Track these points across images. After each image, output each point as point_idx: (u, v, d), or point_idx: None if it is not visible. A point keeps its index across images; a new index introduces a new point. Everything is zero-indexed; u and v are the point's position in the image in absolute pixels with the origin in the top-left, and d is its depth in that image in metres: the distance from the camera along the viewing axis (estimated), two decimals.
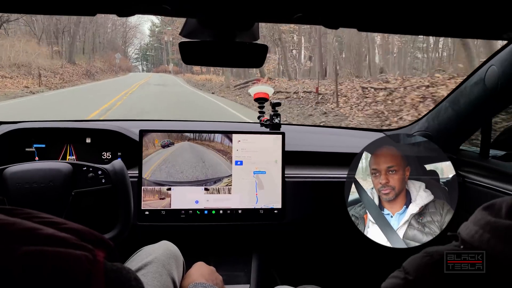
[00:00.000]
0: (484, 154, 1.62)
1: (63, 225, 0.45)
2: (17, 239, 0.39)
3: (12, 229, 0.40)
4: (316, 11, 0.70)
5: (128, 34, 63.01)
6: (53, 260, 0.39)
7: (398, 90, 9.25)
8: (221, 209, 1.53)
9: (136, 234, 1.44)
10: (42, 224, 0.43)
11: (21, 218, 0.43)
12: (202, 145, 1.53)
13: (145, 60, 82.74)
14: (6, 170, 1.16)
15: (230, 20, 0.86)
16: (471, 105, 1.58)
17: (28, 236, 0.40)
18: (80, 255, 0.41)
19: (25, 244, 0.39)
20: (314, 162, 1.79)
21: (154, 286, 1.02)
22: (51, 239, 0.41)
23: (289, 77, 19.21)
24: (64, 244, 0.41)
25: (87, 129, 1.69)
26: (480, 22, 0.72)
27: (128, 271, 0.47)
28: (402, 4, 0.66)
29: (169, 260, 1.14)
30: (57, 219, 0.46)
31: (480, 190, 1.55)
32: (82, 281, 0.39)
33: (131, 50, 72.11)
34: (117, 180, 1.24)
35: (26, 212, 0.45)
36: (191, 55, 0.97)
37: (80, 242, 0.43)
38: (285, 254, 1.90)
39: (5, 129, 1.59)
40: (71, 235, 0.43)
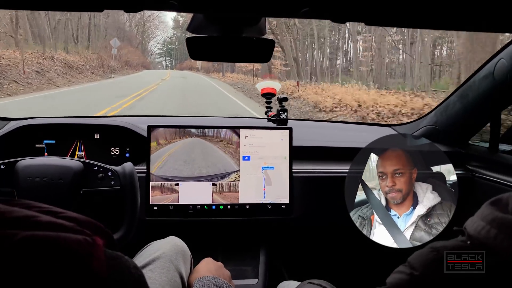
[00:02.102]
0: (493, 148, 1.61)
1: (61, 214, 0.45)
2: (15, 225, 0.39)
3: (11, 216, 0.41)
4: (323, 5, 0.70)
5: (146, 22, 53.17)
6: (53, 244, 0.39)
7: None
8: (229, 204, 1.54)
9: (144, 230, 1.45)
10: (40, 213, 0.43)
11: (19, 208, 0.43)
12: (209, 140, 1.53)
13: (169, 55, 73.58)
14: (18, 163, 1.18)
15: (236, 15, 0.86)
16: (480, 99, 1.56)
17: (27, 222, 0.40)
18: (80, 239, 0.41)
19: (24, 229, 0.39)
20: (322, 157, 1.78)
21: (162, 282, 1.03)
22: (50, 225, 0.41)
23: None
24: (63, 229, 0.41)
25: (95, 125, 1.70)
26: (490, 15, 0.71)
27: (127, 259, 0.47)
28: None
29: (177, 256, 1.15)
30: (56, 209, 0.46)
31: (488, 185, 1.54)
32: (84, 264, 0.39)
33: (152, 44, 64.47)
34: (126, 183, 1.25)
35: (25, 202, 0.45)
36: (198, 51, 0.97)
37: (78, 228, 0.43)
38: (292, 249, 1.91)
39: (15, 125, 1.61)
40: (69, 222, 0.43)
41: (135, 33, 53.53)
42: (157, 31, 60.90)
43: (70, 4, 0.73)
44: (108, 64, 30.24)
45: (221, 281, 1.03)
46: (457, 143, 1.78)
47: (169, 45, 68.57)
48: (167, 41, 69.02)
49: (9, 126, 1.66)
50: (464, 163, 1.73)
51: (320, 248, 1.93)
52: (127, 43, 44.39)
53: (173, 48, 67.51)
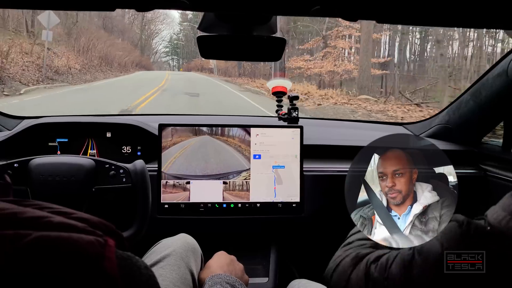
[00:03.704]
0: (507, 147, 1.59)
1: (73, 214, 0.46)
2: (28, 225, 0.40)
3: (23, 217, 0.41)
4: (334, 3, 0.70)
5: (146, 14, 39.68)
6: (65, 244, 0.39)
7: None
8: (240, 203, 1.54)
9: (155, 227, 1.46)
10: (52, 213, 0.44)
11: (31, 208, 0.44)
12: (220, 139, 1.54)
13: (176, 54, 63.21)
14: (31, 162, 1.19)
15: (247, 13, 0.86)
16: (493, 97, 1.54)
17: (39, 222, 0.41)
18: (92, 239, 0.41)
19: (37, 230, 0.39)
20: (333, 155, 1.78)
21: (173, 279, 1.03)
22: (63, 225, 0.42)
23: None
24: (75, 230, 0.42)
25: (107, 123, 1.72)
26: (505, 12, 0.70)
27: (138, 259, 0.47)
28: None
29: (187, 253, 1.15)
30: (67, 209, 0.47)
31: (502, 184, 1.53)
32: (96, 264, 0.40)
33: (157, 41, 55.14)
34: (137, 180, 1.26)
35: (37, 203, 0.46)
36: (209, 49, 0.98)
37: (90, 229, 0.43)
38: (303, 248, 1.90)
39: (28, 123, 1.63)
40: (81, 223, 0.44)
41: (129, 23, 43.04)
42: (162, 26, 52.67)
43: (81, 4, 0.74)
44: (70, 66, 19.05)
45: (233, 279, 1.04)
46: (470, 142, 1.76)
47: (175, 41, 59.90)
48: (173, 38, 60.73)
49: (22, 125, 1.68)
50: (477, 162, 1.71)
51: (331, 247, 1.92)
52: (117, 36, 35.82)
53: (180, 44, 58.76)
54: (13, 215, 0.41)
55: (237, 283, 1.03)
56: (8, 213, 0.41)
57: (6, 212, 0.41)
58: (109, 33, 32.89)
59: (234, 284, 1.02)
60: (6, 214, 0.41)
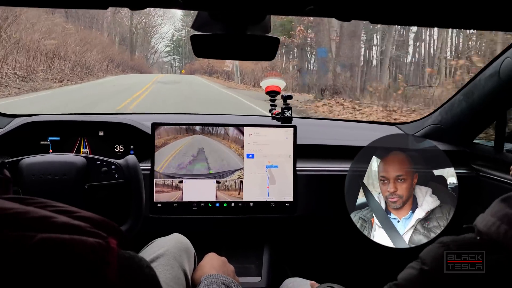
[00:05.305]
0: (499, 147, 1.60)
1: (76, 213, 0.45)
2: (32, 226, 0.39)
3: (27, 217, 0.41)
4: (328, 3, 0.70)
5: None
6: (68, 247, 0.39)
7: None
8: (233, 202, 1.54)
9: (148, 227, 1.46)
10: (55, 213, 0.43)
11: (35, 207, 0.43)
12: (213, 138, 1.53)
13: (178, 53, 56.87)
14: (22, 162, 1.18)
15: (241, 13, 0.86)
16: (485, 98, 1.56)
17: (43, 224, 0.41)
18: (94, 243, 0.41)
19: (41, 231, 0.39)
20: (326, 155, 1.78)
21: (166, 279, 1.03)
22: (66, 226, 0.41)
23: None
24: (79, 231, 0.42)
25: (100, 122, 1.71)
26: (499, 13, 0.71)
27: (141, 259, 0.47)
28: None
29: (181, 253, 1.15)
30: (70, 208, 0.46)
31: (494, 184, 1.54)
32: (96, 268, 0.39)
33: (156, 39, 51.07)
34: (130, 175, 1.25)
35: (40, 201, 0.46)
36: (202, 48, 0.97)
37: (93, 229, 0.43)
38: (296, 247, 1.91)
39: (20, 122, 1.62)
40: (84, 223, 0.44)
41: (112, 13, 35.83)
42: (162, 21, 47.38)
43: (74, 2, 0.73)
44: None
45: (229, 280, 1.04)
46: (462, 142, 1.78)
47: (179, 41, 53.06)
48: (175, 36, 53.96)
49: (14, 123, 1.67)
50: (469, 162, 1.72)
51: (324, 246, 1.93)
52: (96, 32, 30.29)
53: (182, 41, 50.77)
54: (16, 215, 0.40)
55: (233, 284, 1.03)
56: (11, 213, 0.41)
57: (9, 212, 0.41)
58: (72, 23, 25.35)
59: (230, 285, 1.02)
60: (10, 214, 0.40)
